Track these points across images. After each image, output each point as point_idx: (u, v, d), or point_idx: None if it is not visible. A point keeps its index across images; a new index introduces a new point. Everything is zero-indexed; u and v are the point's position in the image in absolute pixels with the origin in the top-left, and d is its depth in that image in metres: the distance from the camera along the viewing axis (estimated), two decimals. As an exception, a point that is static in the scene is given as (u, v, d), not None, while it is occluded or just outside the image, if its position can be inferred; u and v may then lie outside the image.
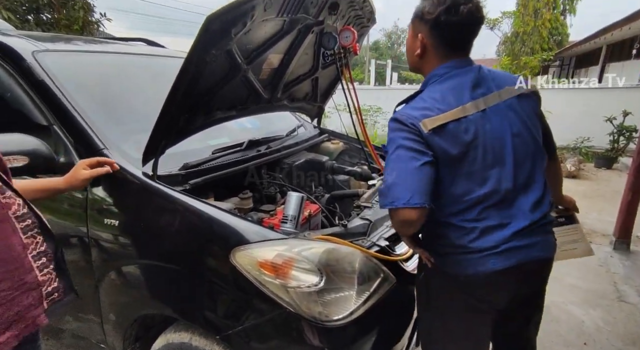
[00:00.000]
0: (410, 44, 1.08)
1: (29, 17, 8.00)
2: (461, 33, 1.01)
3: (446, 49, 1.02)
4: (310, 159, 1.92)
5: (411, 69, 1.14)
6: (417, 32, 1.03)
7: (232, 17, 1.07)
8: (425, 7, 0.99)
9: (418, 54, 1.04)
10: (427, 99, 0.98)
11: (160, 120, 1.14)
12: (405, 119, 0.95)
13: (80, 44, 1.78)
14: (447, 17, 0.96)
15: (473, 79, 1.00)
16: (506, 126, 0.98)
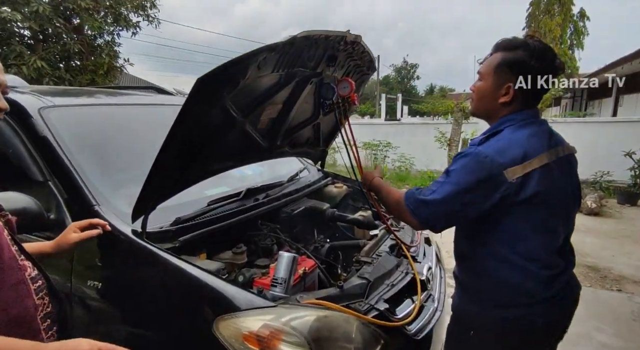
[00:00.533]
0: (491, 91, 1.09)
1: (60, 64, 8.59)
2: (547, 86, 1.06)
3: (529, 98, 1.07)
4: (310, 206, 1.87)
5: (477, 114, 1.17)
6: (504, 81, 1.06)
7: (223, 79, 1.08)
8: (520, 58, 1.03)
9: (503, 102, 1.07)
10: (512, 143, 1.01)
11: (150, 177, 1.12)
12: (488, 163, 0.97)
13: (88, 98, 1.85)
14: (541, 68, 1.02)
15: (548, 129, 1.09)
16: (568, 178, 1.09)
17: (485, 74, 1.10)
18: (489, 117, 1.14)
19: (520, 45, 1.04)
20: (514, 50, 1.04)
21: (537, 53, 1.02)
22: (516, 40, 1.06)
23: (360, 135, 9.46)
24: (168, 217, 1.36)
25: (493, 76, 1.07)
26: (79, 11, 8.05)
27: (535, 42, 1.05)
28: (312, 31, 1.21)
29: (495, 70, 1.07)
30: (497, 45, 1.09)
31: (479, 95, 1.12)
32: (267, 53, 1.14)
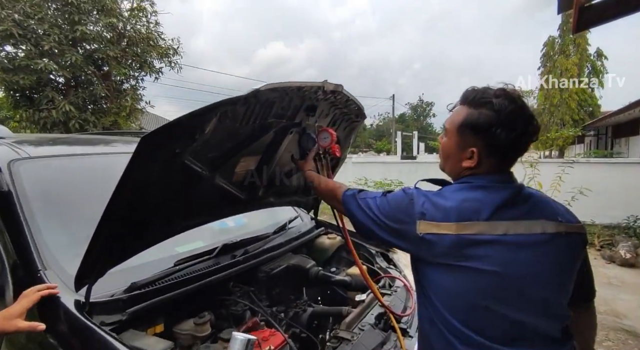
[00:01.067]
0: (455, 152, 0.95)
1: (88, 107, 9.14)
2: (520, 152, 0.92)
3: (496, 163, 0.91)
4: (293, 264, 1.71)
5: (444, 171, 1.04)
6: (467, 144, 0.91)
7: (172, 135, 0.99)
8: (484, 121, 0.87)
9: (467, 166, 0.92)
10: (447, 198, 0.88)
11: (94, 240, 1.01)
12: (409, 206, 0.89)
13: (72, 147, 1.83)
14: (511, 136, 0.86)
15: (506, 197, 0.87)
16: (554, 265, 0.85)
17: (449, 131, 0.96)
18: (453, 177, 1.00)
19: (485, 103, 0.87)
20: (478, 108, 0.88)
21: (504, 117, 0.85)
22: (483, 95, 0.89)
23: (373, 174, 9.34)
24: (127, 280, 1.24)
25: (456, 135, 0.93)
26: (108, 60, 8.69)
27: (504, 101, 0.86)
28: (279, 83, 1.13)
29: (458, 129, 0.92)
30: (463, 97, 0.94)
31: (443, 152, 1.00)
32: (228, 107, 1.06)
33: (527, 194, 0.90)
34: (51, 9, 7.97)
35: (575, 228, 0.88)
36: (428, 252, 0.86)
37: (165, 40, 9.78)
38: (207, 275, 1.41)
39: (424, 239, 0.85)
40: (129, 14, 9.20)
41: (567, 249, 0.86)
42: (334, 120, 1.71)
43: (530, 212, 0.86)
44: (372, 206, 0.98)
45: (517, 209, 0.86)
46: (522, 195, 0.89)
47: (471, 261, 0.81)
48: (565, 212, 0.91)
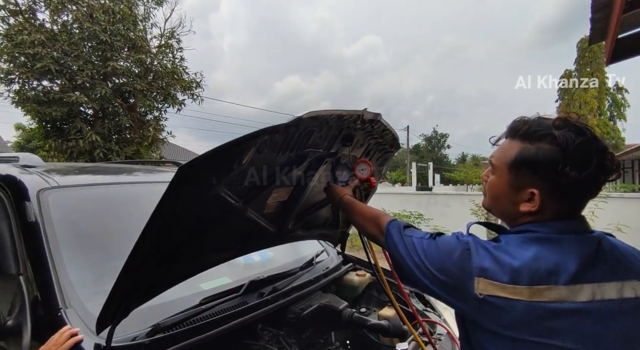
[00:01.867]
0: (508, 193, 0.80)
1: (113, 137, 9.48)
2: (594, 192, 0.75)
3: (565, 207, 0.76)
4: (324, 304, 1.57)
5: (493, 212, 0.89)
6: (524, 184, 0.76)
7: (212, 166, 0.93)
8: (547, 157, 0.72)
9: (527, 211, 0.77)
10: (512, 252, 0.72)
11: (123, 275, 0.93)
12: (465, 259, 0.74)
13: (101, 176, 1.81)
14: (583, 174, 0.70)
15: (587, 252, 0.71)
16: (619, 338, 0.67)
17: (498, 169, 0.81)
18: (507, 220, 0.85)
19: (544, 136, 0.73)
20: (535, 143, 0.74)
21: (573, 152, 0.70)
22: (539, 127, 0.75)
23: (391, 206, 9.14)
24: (149, 320, 1.14)
25: (508, 174, 0.78)
26: (134, 92, 9.11)
27: (568, 132, 0.72)
28: (321, 111, 1.08)
29: (511, 168, 0.78)
30: (513, 129, 0.80)
31: (491, 192, 0.85)
32: (269, 135, 1.00)
33: (609, 246, 0.74)
34: (87, 47, 8.52)
35: None
36: (491, 320, 0.71)
37: (189, 74, 10.26)
38: (235, 316, 1.30)
39: (485, 302, 0.70)
40: (157, 50, 9.76)
41: None
42: (368, 150, 1.64)
43: (617, 270, 0.71)
44: (418, 248, 0.83)
45: (601, 268, 0.70)
46: (604, 247, 0.73)
47: (550, 337, 0.66)
48: None
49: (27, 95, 7.95)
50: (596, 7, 2.22)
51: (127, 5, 8.95)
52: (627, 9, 2.06)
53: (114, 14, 8.44)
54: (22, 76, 7.77)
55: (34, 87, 8.20)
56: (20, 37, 7.44)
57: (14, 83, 8.06)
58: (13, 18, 8.09)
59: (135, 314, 1.09)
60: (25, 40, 7.42)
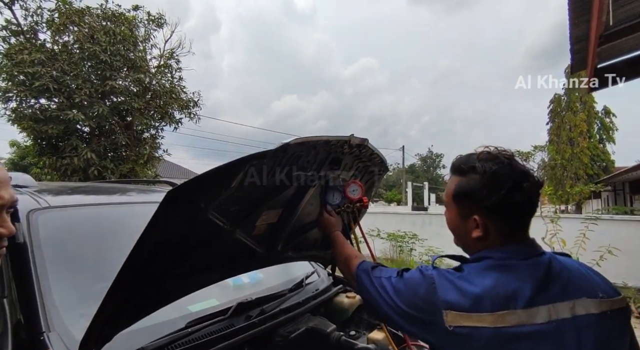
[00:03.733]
0: (459, 224, 0.89)
1: (108, 154, 9.48)
2: (525, 212, 0.83)
3: (506, 229, 0.83)
4: (312, 328, 1.56)
5: (458, 245, 0.95)
6: (468, 212, 0.85)
7: (202, 189, 0.96)
8: (471, 184, 0.83)
9: (477, 237, 0.84)
10: (473, 281, 0.76)
11: (108, 298, 0.94)
12: (431, 294, 0.78)
13: (93, 196, 1.82)
14: (501, 195, 0.79)
15: (539, 275, 0.77)
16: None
17: (447, 204, 0.91)
18: (467, 251, 0.91)
19: (472, 168, 0.84)
20: (466, 175, 0.85)
21: (489, 178, 0.80)
22: (467, 160, 0.86)
23: (385, 225, 9.12)
24: (133, 343, 1.13)
25: (454, 206, 0.88)
26: (132, 111, 9.20)
27: (486, 162, 0.82)
28: (309, 137, 1.13)
29: (453, 199, 0.88)
30: (452, 166, 0.91)
31: (450, 226, 0.93)
32: (257, 160, 1.04)
33: (559, 267, 0.79)
34: (86, 66, 8.66)
35: (618, 303, 0.77)
36: (459, 349, 0.74)
37: (187, 93, 10.42)
38: (221, 339, 1.29)
39: (454, 333, 0.73)
40: (155, 70, 9.95)
41: (615, 329, 0.76)
42: (356, 174, 1.68)
43: (568, 289, 0.75)
44: (388, 288, 0.87)
45: (553, 289, 0.75)
46: (554, 269, 0.78)
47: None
48: (603, 283, 0.80)
49: (24, 113, 8.00)
50: (574, 39, 2.35)
51: (128, 27, 9.19)
52: (602, 41, 2.18)
53: (115, 35, 8.65)
54: (20, 94, 7.84)
55: (32, 105, 8.26)
56: (21, 56, 7.56)
57: (11, 101, 8.13)
58: (14, 38, 8.25)
59: (119, 337, 1.08)
60: (25, 59, 7.54)
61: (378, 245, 8.91)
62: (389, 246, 8.86)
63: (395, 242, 8.74)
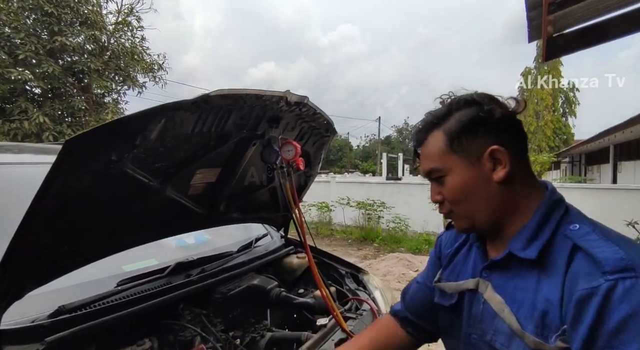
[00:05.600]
0: (470, 176, 0.68)
1: (65, 119, 8.87)
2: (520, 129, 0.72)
3: (526, 158, 0.70)
4: (254, 285, 1.59)
5: (480, 227, 0.72)
6: (478, 151, 0.67)
7: (106, 139, 0.90)
8: (473, 117, 0.67)
9: (503, 178, 0.66)
10: (616, 241, 0.58)
11: (7, 256, 0.89)
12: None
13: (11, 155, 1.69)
14: (507, 114, 0.68)
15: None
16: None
17: (444, 161, 0.70)
18: (503, 218, 0.69)
19: (448, 111, 0.71)
20: (449, 117, 0.70)
21: (484, 100, 0.68)
22: (438, 112, 0.72)
23: (356, 194, 9.31)
24: (56, 302, 1.10)
25: (456, 156, 0.68)
26: (89, 72, 8.55)
27: (461, 98, 0.71)
28: (233, 89, 1.07)
29: (452, 147, 0.68)
30: (420, 132, 0.75)
31: (460, 196, 0.70)
32: (173, 111, 0.98)
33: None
34: (30, 19, 7.84)
35: None
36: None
37: (151, 55, 9.77)
38: (154, 296, 1.28)
39: None
40: (113, 27, 9.17)
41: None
42: (302, 134, 1.65)
43: None
44: None
45: None
46: None
47: None
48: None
49: (-39, 69, 7.26)
50: (529, 6, 2.34)
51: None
52: (555, 9, 2.18)
53: (61, -17, 7.81)
54: (-47, 47, 7.06)
55: (-32, 59, 7.48)
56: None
57: (-57, 55, 7.31)
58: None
59: (37, 297, 1.04)
60: (-45, 7, 6.72)
61: (348, 214, 9.12)
62: (358, 214, 9.10)
63: (365, 210, 8.98)
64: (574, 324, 0.53)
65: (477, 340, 0.72)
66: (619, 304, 0.50)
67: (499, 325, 0.67)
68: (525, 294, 0.63)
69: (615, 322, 0.49)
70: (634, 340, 0.48)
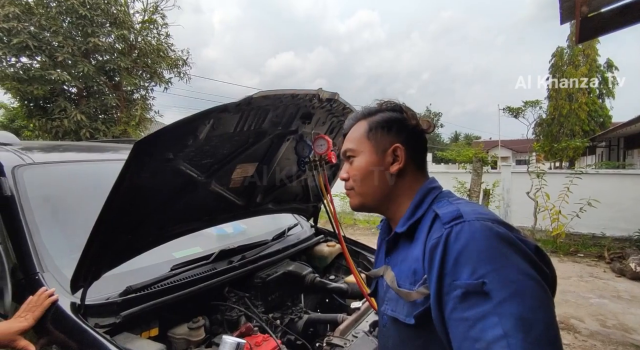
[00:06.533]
0: (376, 161, 0.82)
1: (99, 116, 9.34)
2: (426, 150, 0.88)
3: (421, 161, 0.85)
4: (289, 271, 1.71)
5: (366, 204, 0.85)
6: (386, 144, 0.81)
7: (165, 141, 1.02)
8: (394, 116, 0.83)
9: (397, 170, 0.80)
10: (460, 204, 0.72)
11: (89, 244, 1.04)
12: (506, 228, 0.63)
13: (75, 153, 1.87)
14: (422, 129, 0.84)
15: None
16: None
17: (359, 145, 0.83)
18: (389, 201, 0.83)
19: (379, 110, 0.86)
20: (376, 114, 0.85)
21: (403, 110, 0.84)
22: (371, 107, 0.88)
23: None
24: (123, 283, 1.26)
25: (367, 144, 0.83)
26: (119, 70, 8.92)
27: (389, 103, 0.87)
28: (273, 91, 1.16)
29: (368, 135, 0.83)
30: (351, 121, 0.89)
31: (362, 172, 0.83)
32: (220, 113, 1.09)
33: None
34: (66, 22, 8.24)
35: None
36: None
37: (175, 51, 10.02)
38: (203, 280, 1.42)
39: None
40: (140, 26, 9.48)
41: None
42: (332, 128, 1.73)
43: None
44: (534, 292, 0.58)
45: None
46: None
47: None
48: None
49: (6, 73, 7.75)
50: (562, -15, 2.26)
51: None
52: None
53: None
54: (-1, 52, 7.55)
55: (13, 63, 7.98)
56: (-6, 10, 7.17)
57: (-9, 59, 7.85)
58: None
59: (109, 278, 1.20)
60: (-1, 13, 7.16)
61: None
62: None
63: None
64: (429, 269, 0.65)
65: (382, 316, 0.83)
66: (453, 245, 0.62)
67: (390, 295, 0.79)
68: (404, 262, 0.76)
69: (452, 258, 0.61)
70: (465, 268, 0.59)
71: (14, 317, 1.03)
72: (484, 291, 0.57)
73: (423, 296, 0.67)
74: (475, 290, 0.58)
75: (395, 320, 0.76)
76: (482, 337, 0.55)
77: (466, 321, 0.58)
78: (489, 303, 0.56)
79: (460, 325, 0.58)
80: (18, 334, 1.00)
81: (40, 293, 1.09)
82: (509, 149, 31.49)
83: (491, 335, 0.54)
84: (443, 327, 0.63)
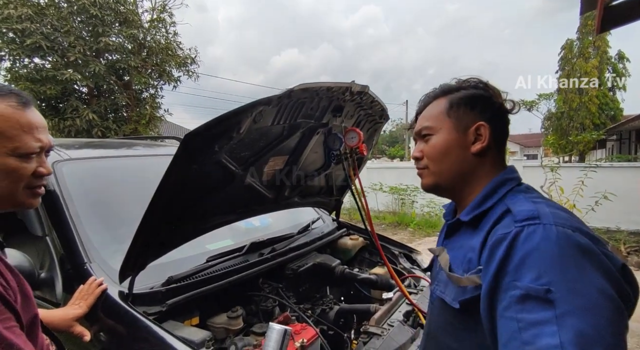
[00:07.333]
0: (456, 140, 0.77)
1: (110, 115, 9.44)
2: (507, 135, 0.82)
3: (503, 146, 0.79)
4: (319, 262, 1.73)
5: (441, 185, 0.80)
6: (469, 122, 0.76)
7: (214, 135, 1.04)
8: (479, 93, 0.78)
9: (479, 150, 0.75)
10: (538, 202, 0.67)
11: (137, 236, 1.07)
12: (589, 240, 0.59)
13: (106, 150, 1.91)
14: (503, 107, 0.79)
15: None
16: None
17: (437, 122, 0.79)
18: (463, 184, 0.78)
19: (460, 86, 0.81)
20: (459, 90, 0.80)
21: (492, 89, 0.79)
22: (451, 84, 0.83)
23: (388, 179, 9.31)
24: (164, 274, 1.29)
25: (449, 120, 0.78)
26: (129, 69, 9.00)
27: (473, 80, 0.82)
28: (311, 83, 1.18)
29: (449, 112, 0.78)
30: (433, 94, 0.84)
31: (439, 151, 0.78)
32: (263, 107, 1.11)
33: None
34: (76, 22, 8.32)
35: None
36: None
37: (183, 49, 10.08)
38: (238, 271, 1.45)
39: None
40: (149, 25, 9.53)
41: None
42: (358, 121, 1.74)
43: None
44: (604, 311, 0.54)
45: None
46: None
47: None
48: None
49: (20, 73, 7.87)
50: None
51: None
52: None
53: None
54: (12, 53, 7.65)
55: (26, 64, 8.09)
56: (7, 11, 7.25)
57: (4, 60, 7.96)
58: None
59: (151, 269, 1.23)
60: (12, 14, 7.25)
61: (381, 199, 9.16)
62: (391, 199, 9.11)
63: (398, 195, 8.97)
64: (488, 262, 0.63)
65: (432, 294, 0.85)
66: (522, 245, 0.59)
67: (441, 276, 0.79)
68: (461, 249, 0.75)
69: (517, 258, 0.58)
70: (530, 271, 0.57)
71: (69, 305, 1.07)
72: (547, 299, 0.54)
73: (473, 284, 0.67)
74: (536, 295, 0.55)
75: (442, 301, 0.77)
76: (534, 342, 0.53)
77: (519, 322, 0.56)
78: (550, 311, 0.53)
79: (510, 324, 0.57)
80: (74, 320, 1.04)
81: (90, 282, 1.12)
82: (517, 144, 31.20)
83: (545, 343, 0.52)
84: (490, 319, 0.62)
